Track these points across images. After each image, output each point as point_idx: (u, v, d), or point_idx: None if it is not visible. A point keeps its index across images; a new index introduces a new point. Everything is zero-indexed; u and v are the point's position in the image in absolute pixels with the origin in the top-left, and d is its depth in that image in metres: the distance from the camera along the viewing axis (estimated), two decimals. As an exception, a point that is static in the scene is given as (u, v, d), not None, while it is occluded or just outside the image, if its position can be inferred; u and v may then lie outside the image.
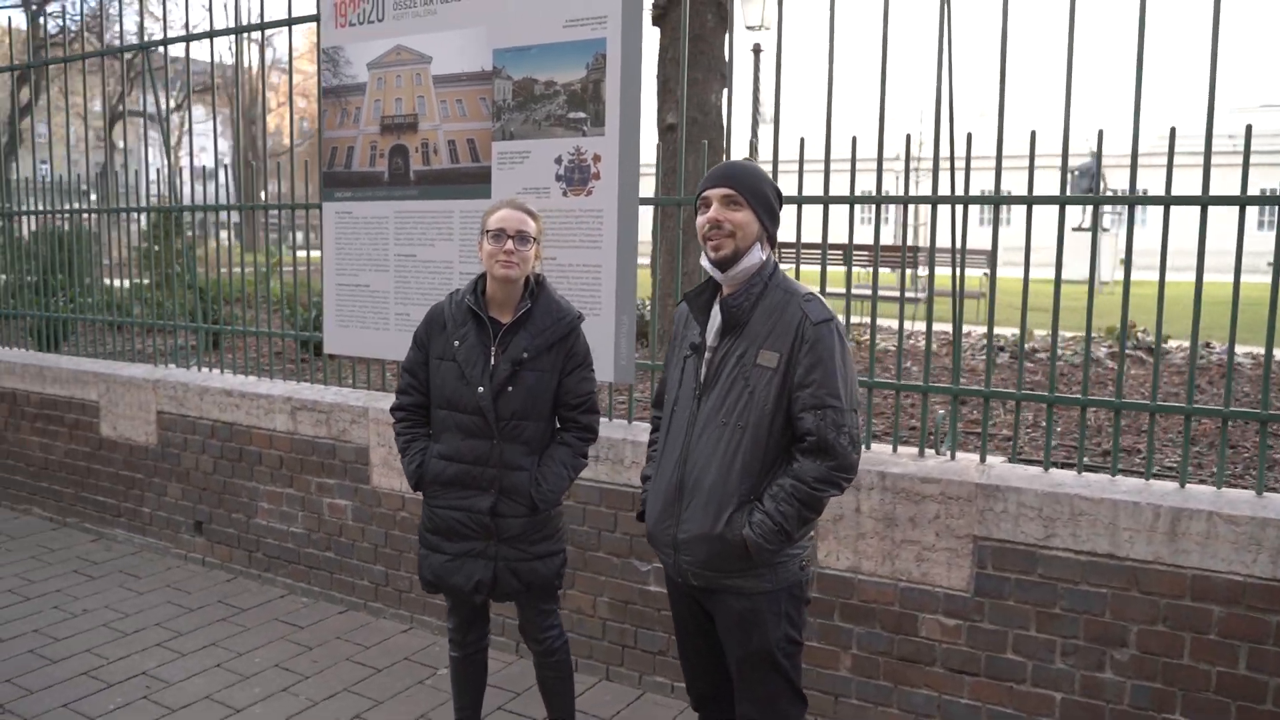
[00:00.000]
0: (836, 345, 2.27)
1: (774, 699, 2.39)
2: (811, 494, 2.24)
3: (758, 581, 2.33)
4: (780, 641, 2.35)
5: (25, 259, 6.60)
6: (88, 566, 5.04)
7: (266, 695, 3.67)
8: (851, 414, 2.26)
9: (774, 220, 2.37)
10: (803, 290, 2.34)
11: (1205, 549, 2.70)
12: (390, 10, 4.03)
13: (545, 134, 3.67)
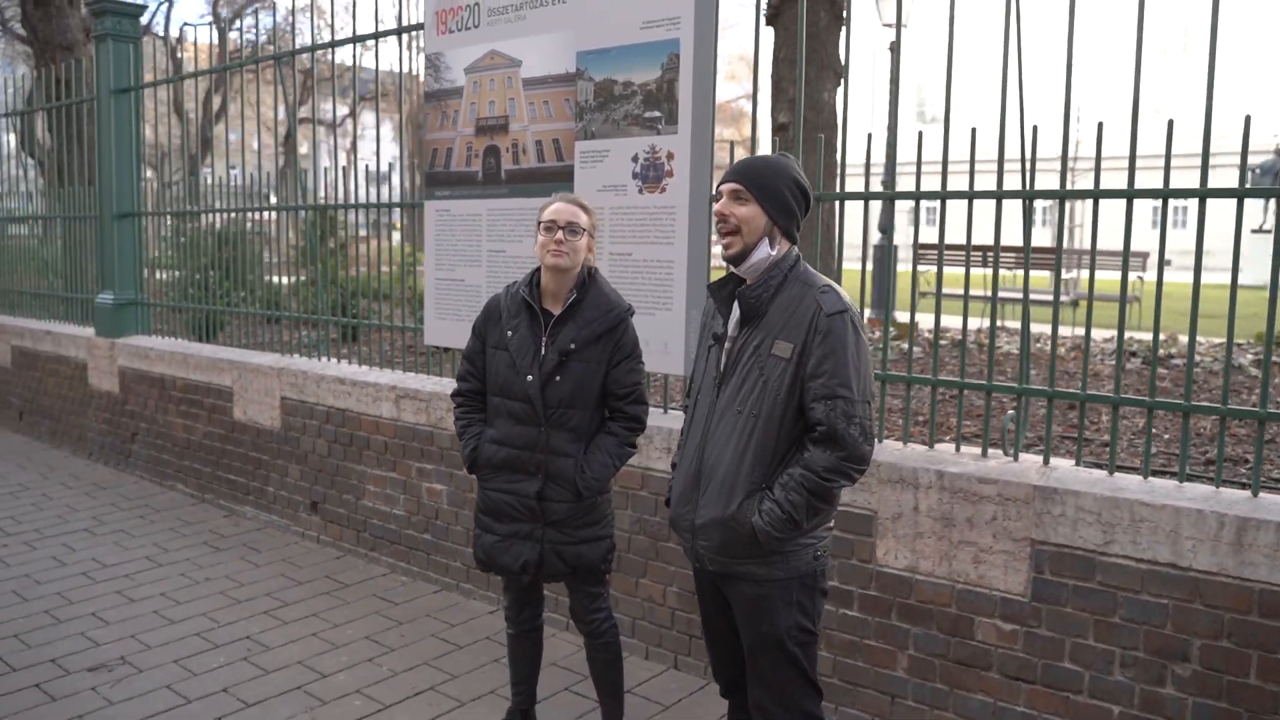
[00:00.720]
0: (850, 336, 2.27)
1: (785, 687, 2.41)
2: (821, 484, 2.26)
3: (769, 569, 2.35)
4: (791, 630, 2.37)
5: (197, 256, 7.11)
6: (216, 539, 5.44)
7: (352, 664, 3.89)
8: (864, 405, 2.27)
9: (787, 215, 2.38)
10: (820, 282, 2.36)
11: (1275, 562, 2.55)
12: (485, 17, 4.21)
13: (623, 133, 3.77)
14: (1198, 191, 2.84)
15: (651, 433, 3.78)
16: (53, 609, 4.44)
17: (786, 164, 2.41)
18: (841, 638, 3.35)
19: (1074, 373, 7.24)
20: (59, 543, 5.36)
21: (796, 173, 2.41)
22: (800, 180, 2.40)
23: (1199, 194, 2.84)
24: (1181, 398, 2.94)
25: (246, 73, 5.84)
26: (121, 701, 3.57)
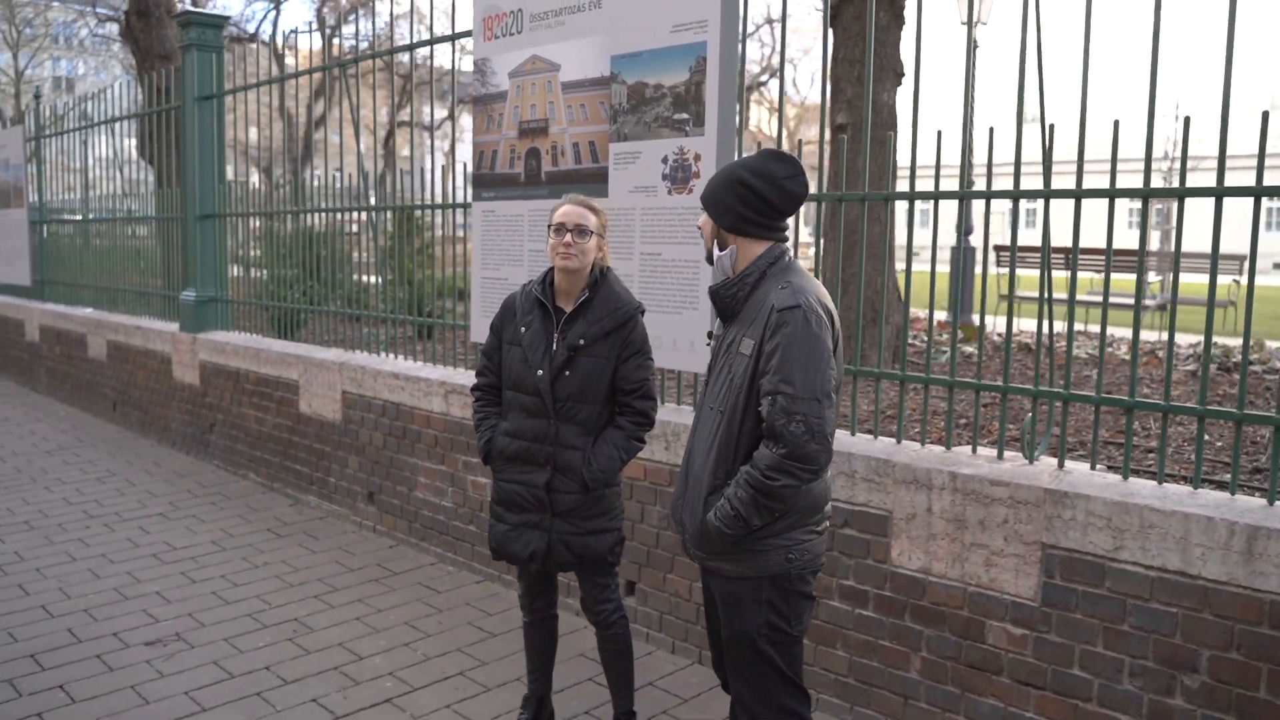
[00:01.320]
0: (799, 332, 2.25)
1: (761, 684, 2.44)
2: (763, 481, 2.26)
3: (737, 566, 2.39)
4: (761, 628, 2.39)
5: (282, 255, 7.37)
6: (279, 526, 5.67)
7: (389, 647, 4.04)
8: (811, 402, 2.23)
9: (729, 215, 2.41)
10: (789, 278, 2.36)
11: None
12: (527, 23, 4.32)
13: (654, 135, 3.83)
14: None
15: (676, 430, 3.83)
16: (121, 586, 4.70)
17: (735, 167, 2.43)
18: (857, 638, 3.34)
19: (1156, 379, 7.04)
20: (136, 526, 5.66)
21: (744, 173, 2.40)
22: (745, 179, 2.39)
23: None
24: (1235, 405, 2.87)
25: (348, 75, 6.02)
26: (171, 674, 3.78)
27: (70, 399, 9.43)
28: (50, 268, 10.17)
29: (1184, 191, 2.89)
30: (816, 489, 2.39)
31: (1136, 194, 2.98)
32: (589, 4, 4.02)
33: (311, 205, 6.51)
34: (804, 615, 2.47)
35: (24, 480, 6.66)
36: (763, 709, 2.45)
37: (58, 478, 6.73)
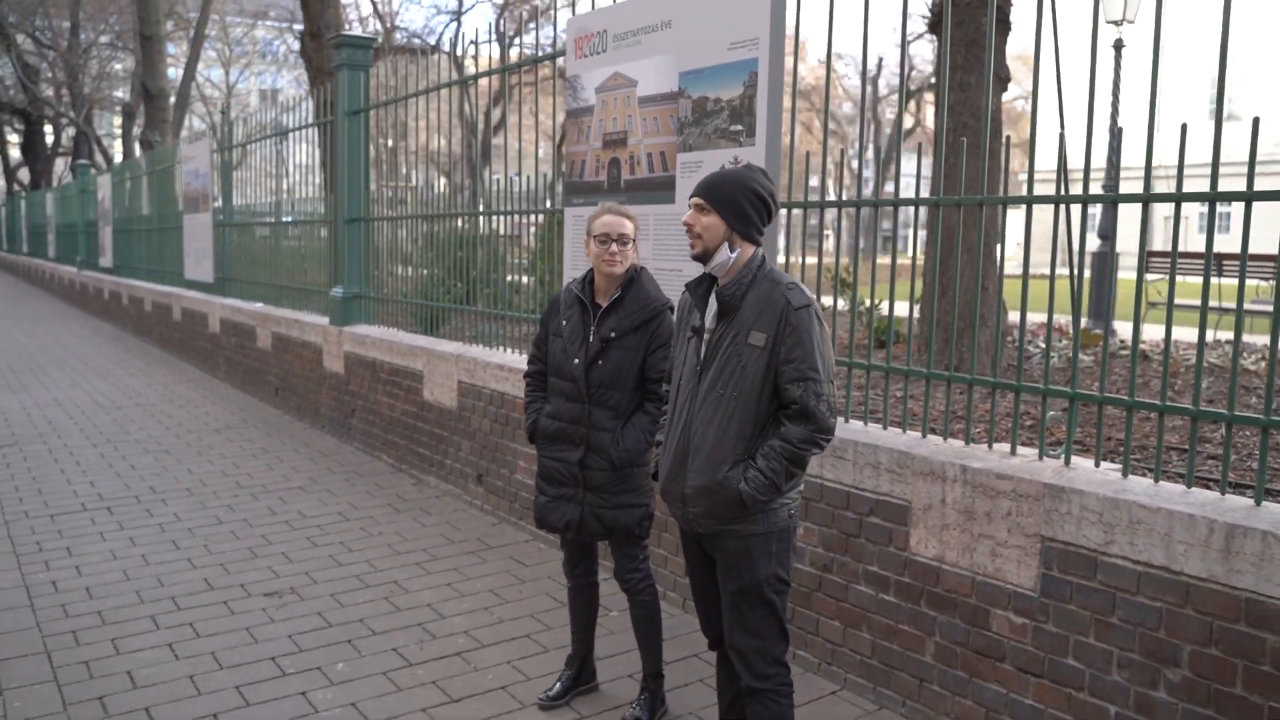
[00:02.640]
0: (815, 327, 2.59)
1: (761, 630, 2.70)
2: (796, 452, 2.58)
3: (750, 525, 2.67)
4: (770, 578, 2.68)
5: (441, 257, 7.90)
6: (398, 502, 6.23)
7: (470, 610, 4.46)
8: (829, 384, 2.59)
9: (744, 221, 2.66)
10: (786, 279, 2.64)
11: (1260, 571, 2.53)
12: (611, 43, 4.66)
13: (714, 145, 4.10)
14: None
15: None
16: (254, 546, 5.33)
17: (746, 176, 2.69)
18: (880, 622, 3.52)
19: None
20: (277, 496, 6.34)
21: (756, 184, 2.68)
22: (759, 190, 2.68)
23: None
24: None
25: (521, 82, 6.39)
26: (280, 621, 4.31)
27: (241, 385, 10.43)
28: (229, 266, 11.25)
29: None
30: None
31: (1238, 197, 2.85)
32: (661, 24, 4.33)
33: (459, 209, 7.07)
34: (792, 564, 2.75)
35: (192, 454, 7.50)
36: (760, 661, 2.72)
37: (220, 453, 7.54)
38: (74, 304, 21.23)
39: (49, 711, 3.45)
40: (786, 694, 2.73)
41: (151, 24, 20.91)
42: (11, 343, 14.60)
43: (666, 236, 4.38)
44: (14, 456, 7.29)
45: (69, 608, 4.41)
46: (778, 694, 2.72)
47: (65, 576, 4.80)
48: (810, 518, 3.76)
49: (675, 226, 4.29)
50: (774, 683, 2.72)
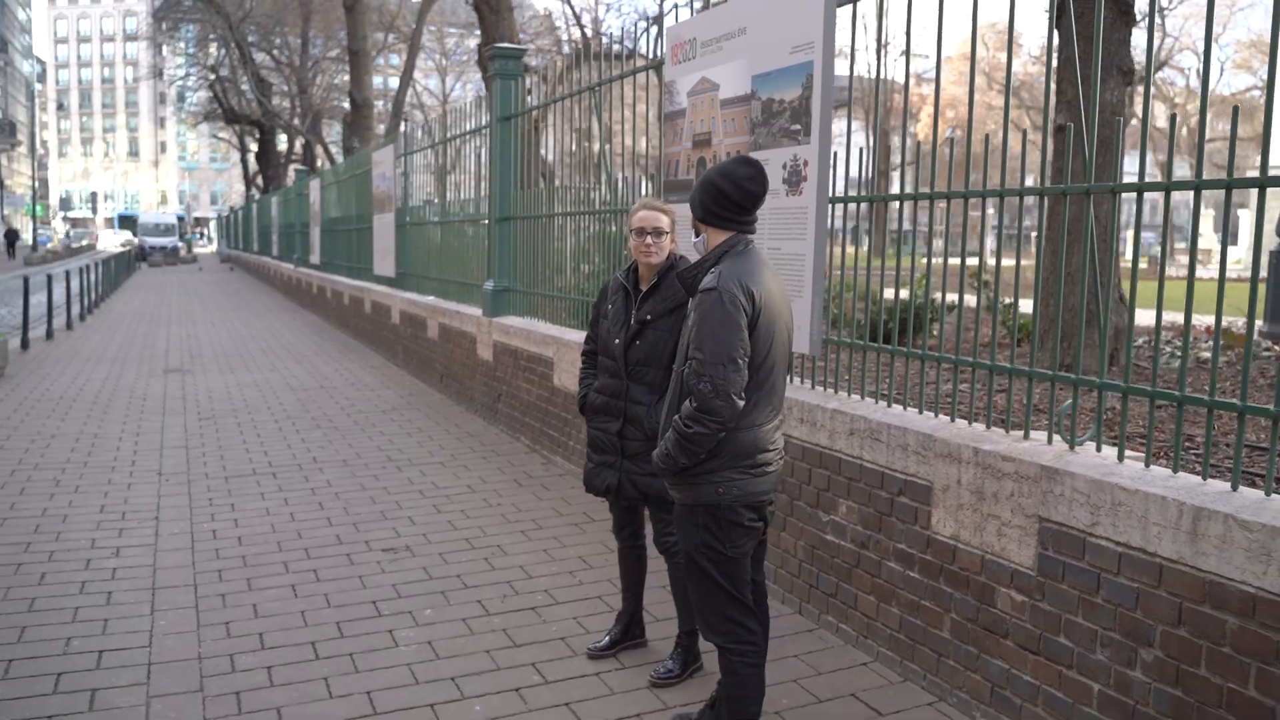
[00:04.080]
0: (712, 309, 2.78)
1: (709, 596, 2.96)
2: (683, 428, 2.82)
3: (681, 494, 2.97)
4: (700, 546, 2.93)
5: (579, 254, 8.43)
6: (524, 479, 6.75)
7: (556, 573, 4.88)
8: (717, 366, 2.75)
9: (702, 210, 3.03)
10: (728, 264, 2.90)
11: (1221, 554, 2.57)
12: (699, 49, 4.96)
13: (778, 144, 4.34)
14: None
15: (790, 404, 4.31)
16: (386, 510, 5.96)
17: (708, 171, 3.04)
18: (906, 597, 3.68)
19: None
20: (418, 470, 6.99)
21: (713, 175, 3.00)
22: (714, 179, 2.98)
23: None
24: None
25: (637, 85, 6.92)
26: (389, 572, 4.87)
27: (415, 371, 11.34)
28: (408, 262, 12.22)
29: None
30: (745, 437, 2.88)
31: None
32: (737, 31, 4.60)
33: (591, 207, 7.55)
34: (739, 540, 2.95)
35: (356, 431, 8.32)
36: (712, 615, 2.98)
37: (380, 430, 8.33)
38: (290, 297, 23.32)
39: (184, 629, 4.11)
40: (739, 651, 2.96)
41: (359, 39, 22.71)
42: (231, 332, 16.31)
43: (740, 231, 4.64)
44: (209, 428, 8.32)
45: (220, 551, 5.13)
46: (730, 651, 2.97)
47: (224, 527, 5.56)
48: (851, 496, 3.95)
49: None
50: (727, 640, 2.97)
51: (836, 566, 4.06)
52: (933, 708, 3.50)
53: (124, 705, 3.43)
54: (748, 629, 2.99)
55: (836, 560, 4.06)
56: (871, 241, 4.34)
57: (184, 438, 7.87)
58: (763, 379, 2.91)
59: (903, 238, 5.13)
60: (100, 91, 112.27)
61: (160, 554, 5.04)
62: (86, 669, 3.70)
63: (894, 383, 4.00)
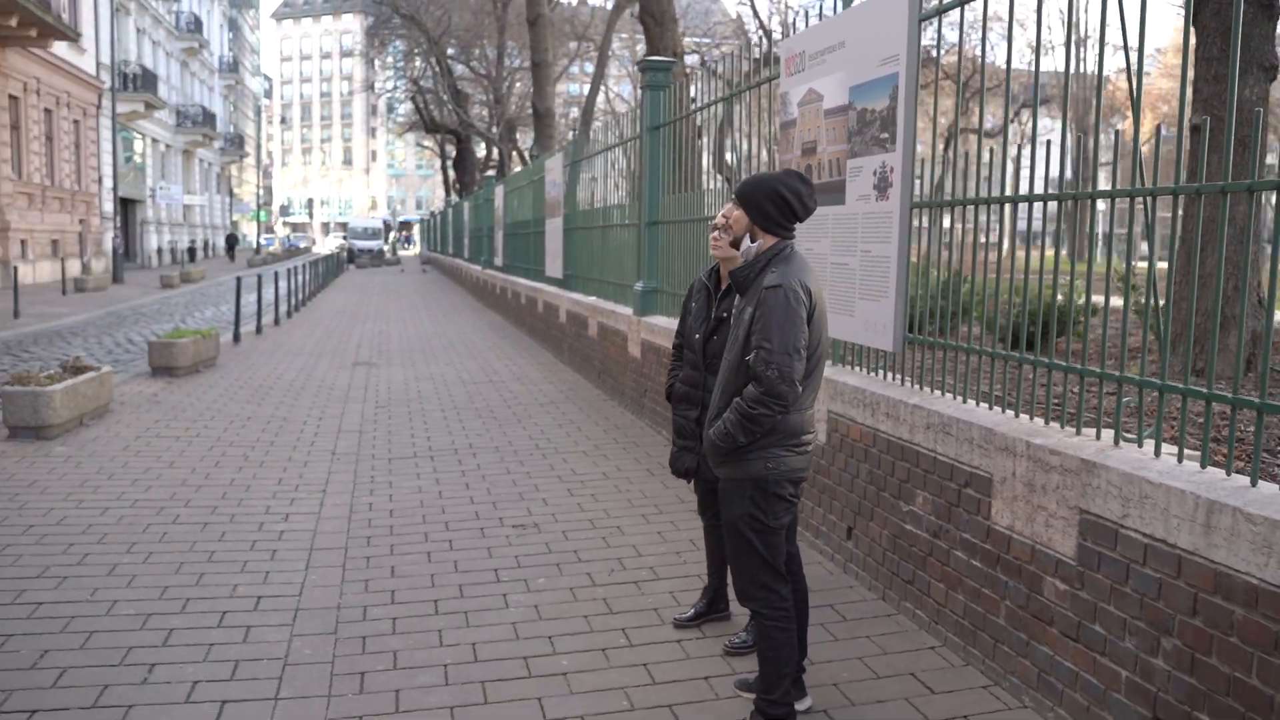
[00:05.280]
0: (778, 305, 3.07)
1: (747, 563, 3.25)
2: (747, 409, 3.11)
3: (731, 470, 3.24)
4: (745, 517, 3.22)
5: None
6: (655, 468, 7.15)
7: (664, 553, 5.26)
8: (784, 355, 3.05)
9: (765, 218, 3.23)
10: (781, 266, 3.16)
11: (1230, 546, 2.66)
12: (808, 62, 5.22)
13: (869, 152, 4.55)
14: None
15: (874, 400, 4.53)
16: (524, 492, 6.50)
17: (771, 182, 3.24)
18: (969, 585, 3.84)
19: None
20: (561, 457, 7.53)
21: (780, 188, 3.22)
22: (780, 192, 3.22)
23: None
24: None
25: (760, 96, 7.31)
26: (515, 545, 5.39)
27: (577, 368, 11.97)
28: (574, 264, 12.88)
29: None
30: (794, 419, 3.17)
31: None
32: (838, 45, 4.84)
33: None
34: (780, 513, 3.24)
35: (513, 421, 8.97)
36: (748, 584, 3.28)
37: (535, 421, 8.95)
38: (477, 298, 24.70)
39: (330, 584, 4.74)
40: (772, 616, 3.25)
41: (541, 52, 23.81)
42: (419, 329, 17.54)
43: (839, 233, 4.87)
44: (382, 415, 9.17)
45: (372, 521, 5.79)
46: (764, 616, 3.26)
47: (380, 501, 6.24)
48: (926, 488, 4.13)
49: (847, 225, 4.79)
50: (761, 605, 3.26)
51: (913, 555, 4.25)
52: (987, 691, 3.66)
53: (270, 640, 4.06)
54: (780, 595, 3.28)
55: (913, 549, 4.25)
56: (1067, 244, 4.12)
57: (359, 423, 8.73)
58: (811, 367, 3.21)
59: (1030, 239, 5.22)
60: (319, 104, 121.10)
61: (321, 521, 5.74)
62: (246, 610, 4.37)
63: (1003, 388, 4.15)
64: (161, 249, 45.57)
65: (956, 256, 4.34)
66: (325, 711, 3.48)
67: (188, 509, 5.89)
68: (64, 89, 31.30)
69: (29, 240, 27.78)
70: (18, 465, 6.88)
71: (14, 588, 4.57)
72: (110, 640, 4.02)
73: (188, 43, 50.15)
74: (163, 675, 3.73)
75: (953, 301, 4.53)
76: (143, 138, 42.74)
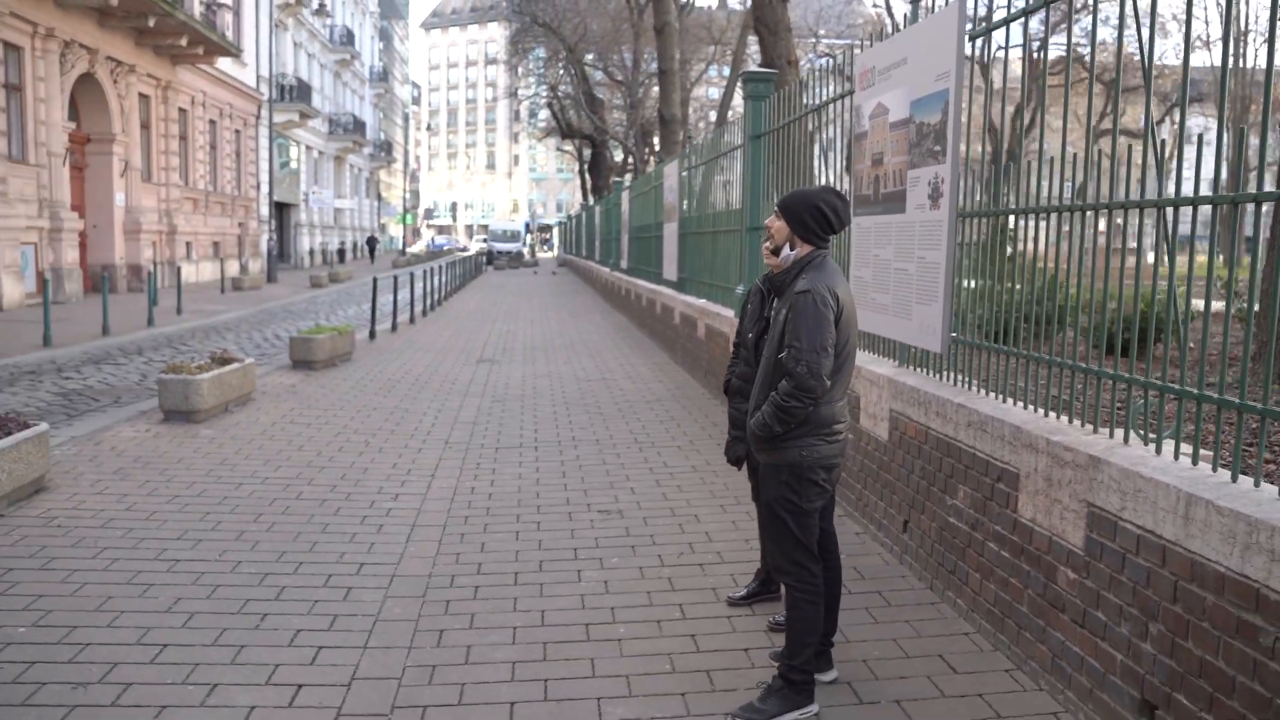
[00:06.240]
0: (807, 308, 3.39)
1: (782, 541, 3.57)
2: (781, 402, 3.43)
3: (769, 456, 3.56)
4: (780, 499, 3.54)
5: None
6: (741, 463, 7.47)
7: (733, 540, 5.61)
8: (812, 353, 3.37)
9: (804, 229, 3.57)
10: (812, 272, 3.47)
11: (1204, 537, 2.84)
12: (878, 77, 5.48)
13: (925, 163, 4.79)
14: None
15: (927, 399, 4.77)
16: (615, 481, 6.94)
17: (811, 197, 3.56)
18: (1000, 575, 4.06)
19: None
20: (655, 450, 7.94)
21: (819, 201, 3.54)
22: (819, 205, 3.54)
23: None
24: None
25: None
26: (596, 529, 5.83)
27: (687, 368, 12.37)
28: (687, 267, 13.28)
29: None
30: (825, 410, 3.48)
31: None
32: (901, 61, 5.08)
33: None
34: (813, 496, 3.55)
35: (617, 416, 9.44)
36: (782, 560, 3.61)
37: (638, 417, 9.39)
38: (605, 299, 25.38)
39: (426, 555, 5.28)
40: (802, 589, 3.56)
41: (667, 60, 24.31)
42: (545, 329, 18.27)
43: (901, 240, 5.12)
44: (496, 409, 9.79)
45: (471, 503, 6.34)
46: (795, 589, 3.57)
47: (481, 485, 6.79)
48: (966, 482, 4.36)
49: (907, 232, 5.03)
50: (793, 579, 3.58)
51: (955, 546, 4.48)
52: (1008, 674, 3.88)
53: (367, 600, 4.61)
54: (811, 572, 3.60)
55: (955, 540, 4.48)
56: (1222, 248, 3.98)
57: (474, 416, 9.36)
58: (840, 364, 3.52)
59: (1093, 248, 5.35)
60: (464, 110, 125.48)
61: (426, 501, 6.32)
62: (349, 574, 4.95)
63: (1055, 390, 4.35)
64: (313, 250, 48.27)
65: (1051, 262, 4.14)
66: (404, 660, 3.99)
67: (310, 486, 6.57)
68: (227, 101, 33.65)
69: (193, 242, 30.01)
70: (169, 444, 7.76)
71: (157, 547, 5.29)
72: (232, 593, 4.65)
73: (340, 54, 52.95)
74: (272, 623, 4.32)
75: (1046, 307, 4.32)
76: (297, 145, 45.39)
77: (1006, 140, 20.29)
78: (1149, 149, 3.52)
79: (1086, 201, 3.83)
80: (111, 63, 23.71)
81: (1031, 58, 11.20)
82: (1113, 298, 3.89)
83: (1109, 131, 19.80)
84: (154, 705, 3.58)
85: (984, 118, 4.57)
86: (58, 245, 21.20)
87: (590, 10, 42.25)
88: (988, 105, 4.70)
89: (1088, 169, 3.81)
